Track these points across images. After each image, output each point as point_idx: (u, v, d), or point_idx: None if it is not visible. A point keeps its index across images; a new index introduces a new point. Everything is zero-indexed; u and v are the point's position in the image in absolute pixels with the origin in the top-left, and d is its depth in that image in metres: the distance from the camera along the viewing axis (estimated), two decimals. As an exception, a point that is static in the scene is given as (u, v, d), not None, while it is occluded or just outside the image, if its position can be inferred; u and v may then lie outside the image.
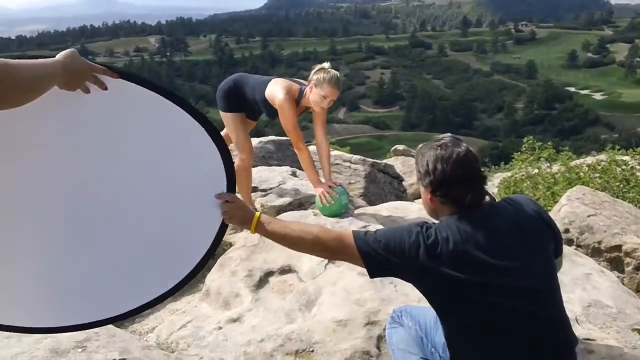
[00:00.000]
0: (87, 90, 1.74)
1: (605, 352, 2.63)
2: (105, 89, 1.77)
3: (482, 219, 2.02)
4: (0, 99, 1.38)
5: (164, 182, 2.03)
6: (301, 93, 4.32)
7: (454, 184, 2.05)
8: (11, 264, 1.90)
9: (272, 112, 4.43)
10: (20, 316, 2.02)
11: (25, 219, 1.87)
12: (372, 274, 2.14)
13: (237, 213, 2.20)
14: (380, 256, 2.05)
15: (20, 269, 1.93)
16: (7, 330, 2.07)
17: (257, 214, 2.23)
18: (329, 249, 2.19)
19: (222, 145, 2.05)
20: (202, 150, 2.02)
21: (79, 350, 2.64)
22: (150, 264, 2.13)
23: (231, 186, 2.15)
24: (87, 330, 2.75)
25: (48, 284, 2.00)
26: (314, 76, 4.18)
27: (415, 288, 2.14)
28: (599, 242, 4.02)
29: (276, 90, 4.28)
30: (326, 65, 4.24)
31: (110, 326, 2.92)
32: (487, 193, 2.14)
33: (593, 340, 2.74)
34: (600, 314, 3.03)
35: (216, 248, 2.23)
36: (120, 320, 2.29)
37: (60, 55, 1.64)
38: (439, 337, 2.24)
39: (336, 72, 4.18)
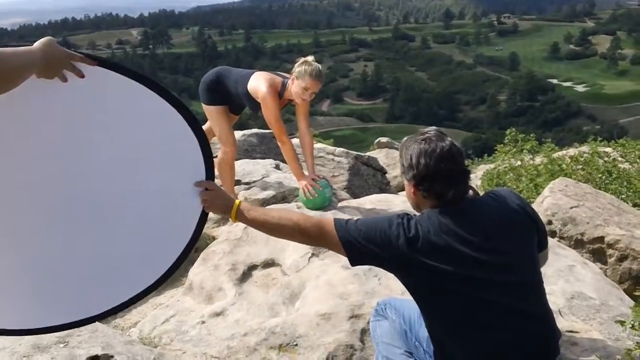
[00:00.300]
0: (64, 79, 1.73)
1: (589, 344, 2.64)
2: (83, 77, 1.75)
3: (465, 213, 2.03)
4: None
5: (141, 172, 2.01)
6: (284, 86, 4.33)
7: (437, 179, 2.06)
8: None
9: (255, 105, 4.42)
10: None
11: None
12: (353, 262, 2.14)
13: (217, 201, 2.20)
14: (360, 245, 2.05)
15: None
16: None
17: (237, 201, 2.22)
18: (309, 235, 2.18)
19: (199, 133, 2.03)
20: (180, 138, 2.01)
21: (61, 345, 2.63)
22: (131, 257, 2.11)
23: (210, 174, 2.13)
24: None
25: (24, 284, 1.97)
26: (296, 69, 4.19)
27: (398, 280, 2.14)
28: (582, 234, 4.04)
29: (259, 83, 4.28)
30: (310, 58, 4.24)
31: (92, 321, 2.92)
32: (471, 187, 2.14)
33: (576, 332, 2.76)
34: (583, 305, 3.05)
35: (198, 238, 2.23)
36: (105, 317, 2.27)
37: (38, 43, 1.63)
38: (423, 331, 2.24)
39: (318, 65, 4.20)
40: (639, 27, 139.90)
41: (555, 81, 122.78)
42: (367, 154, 8.13)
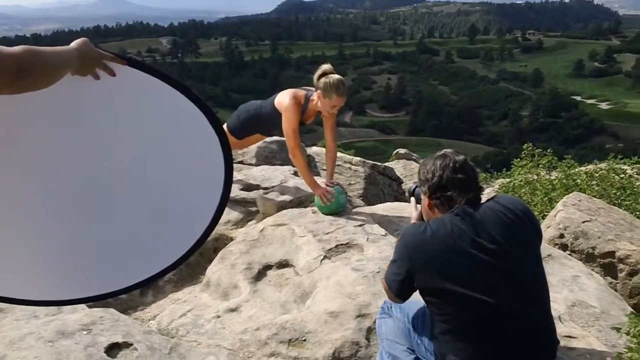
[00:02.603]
0: (97, 77, 1.86)
1: (585, 349, 2.72)
2: (114, 75, 1.88)
3: (473, 216, 2.13)
4: (29, 83, 1.50)
5: (165, 164, 2.14)
6: (307, 99, 4.41)
7: (450, 188, 2.19)
8: (19, 241, 2.04)
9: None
10: (28, 290, 2.16)
11: (32, 198, 2.00)
12: (399, 295, 2.28)
13: None
14: (396, 272, 2.22)
15: (28, 245, 2.06)
16: (14, 303, 2.21)
17: None
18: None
19: (219, 131, 2.15)
20: (202, 134, 2.11)
21: (84, 332, 2.77)
22: (151, 242, 2.25)
23: (229, 169, 2.25)
24: (92, 315, 2.91)
25: (54, 260, 2.13)
26: (319, 84, 4.23)
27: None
28: (593, 248, 4.09)
29: (283, 97, 4.41)
30: (327, 67, 4.28)
31: (113, 311, 3.08)
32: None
33: (574, 337, 2.83)
34: (583, 313, 3.12)
35: (217, 222, 2.32)
36: (125, 293, 2.42)
37: (74, 44, 1.76)
38: (426, 330, 2.35)
39: (339, 77, 4.24)
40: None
41: (578, 98, 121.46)
42: (385, 164, 8.22)
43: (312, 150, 8.14)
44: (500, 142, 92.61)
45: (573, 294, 3.32)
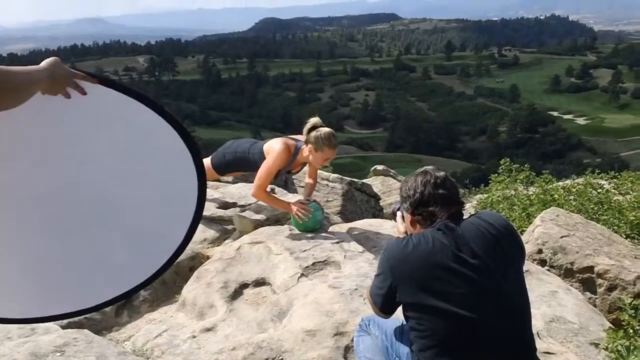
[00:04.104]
0: (67, 96, 1.84)
1: (564, 365, 2.71)
2: (85, 94, 1.86)
3: (454, 231, 2.12)
4: None
5: (138, 182, 2.11)
6: (297, 149, 4.38)
7: (432, 203, 2.19)
8: None
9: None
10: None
11: (2, 217, 1.95)
12: (383, 309, 2.26)
13: None
14: (379, 285, 2.20)
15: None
16: None
17: None
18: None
19: (193, 148, 2.13)
20: (174, 152, 2.09)
21: (58, 354, 2.72)
22: (125, 257, 2.22)
23: (202, 185, 2.22)
24: (65, 336, 2.85)
25: (26, 278, 2.09)
26: (310, 138, 4.21)
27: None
28: (572, 263, 4.09)
29: (274, 143, 4.38)
30: (316, 120, 4.25)
31: (87, 332, 3.03)
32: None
33: (552, 353, 2.82)
34: (562, 329, 3.12)
35: (190, 238, 2.29)
36: (98, 310, 2.39)
37: (45, 63, 1.74)
38: (404, 347, 2.33)
39: (330, 130, 4.22)
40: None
41: (555, 113, 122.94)
42: (362, 180, 8.22)
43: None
44: (478, 158, 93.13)
45: (551, 309, 3.32)
